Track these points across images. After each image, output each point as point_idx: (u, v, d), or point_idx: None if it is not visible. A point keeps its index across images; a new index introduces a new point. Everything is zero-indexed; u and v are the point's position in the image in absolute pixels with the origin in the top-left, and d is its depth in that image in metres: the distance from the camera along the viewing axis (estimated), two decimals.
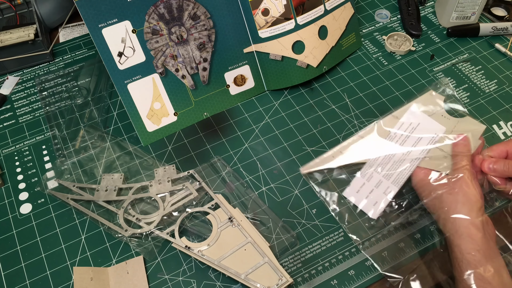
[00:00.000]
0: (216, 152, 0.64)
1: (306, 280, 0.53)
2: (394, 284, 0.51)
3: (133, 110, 0.64)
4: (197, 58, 0.65)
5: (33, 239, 0.57)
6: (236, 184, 0.60)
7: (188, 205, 0.58)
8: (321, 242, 0.56)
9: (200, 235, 0.56)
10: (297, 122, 0.67)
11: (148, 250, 0.55)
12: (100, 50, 0.60)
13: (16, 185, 0.62)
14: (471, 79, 0.70)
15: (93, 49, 0.78)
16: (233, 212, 0.56)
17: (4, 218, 0.59)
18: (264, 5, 0.65)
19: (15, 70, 0.75)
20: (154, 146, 0.65)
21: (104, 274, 0.53)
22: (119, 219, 0.57)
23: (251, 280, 0.51)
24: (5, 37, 0.72)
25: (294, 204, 0.59)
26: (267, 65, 0.69)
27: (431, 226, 0.55)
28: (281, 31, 0.66)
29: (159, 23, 0.62)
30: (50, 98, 0.71)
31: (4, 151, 0.65)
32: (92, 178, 0.61)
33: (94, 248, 0.56)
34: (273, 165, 0.62)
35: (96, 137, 0.65)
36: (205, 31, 0.64)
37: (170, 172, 0.60)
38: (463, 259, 0.46)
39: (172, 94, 0.65)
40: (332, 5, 0.69)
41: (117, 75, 0.62)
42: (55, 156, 0.64)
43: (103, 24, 0.59)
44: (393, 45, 0.75)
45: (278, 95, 0.70)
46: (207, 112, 0.68)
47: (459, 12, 0.75)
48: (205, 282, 0.53)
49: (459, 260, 0.46)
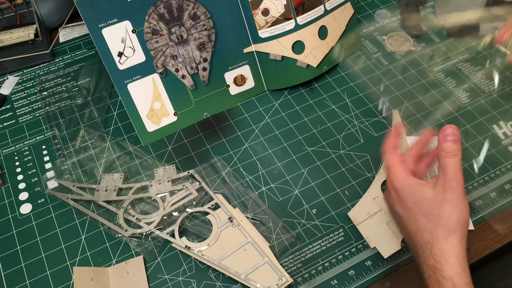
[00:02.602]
0: (216, 152, 0.64)
1: (306, 280, 0.53)
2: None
3: (133, 110, 0.64)
4: (197, 58, 0.65)
5: (33, 239, 0.57)
6: (236, 184, 0.60)
7: (188, 205, 0.58)
8: (321, 242, 0.56)
9: (200, 235, 0.56)
10: (297, 122, 0.67)
11: (148, 250, 0.55)
12: (100, 50, 0.60)
13: (16, 185, 0.62)
14: (471, 79, 0.70)
15: (93, 49, 0.78)
16: (233, 212, 0.56)
17: (4, 218, 0.59)
18: (264, 5, 0.65)
19: (15, 70, 0.75)
20: (154, 146, 0.65)
21: (104, 274, 0.53)
22: (119, 219, 0.57)
23: (251, 280, 0.51)
24: (5, 37, 0.72)
25: (294, 204, 0.59)
26: (267, 65, 0.69)
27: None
28: (281, 31, 0.66)
29: (159, 23, 0.62)
30: (50, 98, 0.71)
31: (4, 151, 0.65)
32: (92, 178, 0.61)
33: (94, 248, 0.56)
34: (273, 165, 0.62)
35: (96, 137, 0.65)
36: (205, 31, 0.64)
37: (170, 172, 0.60)
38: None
39: (172, 94, 0.65)
40: (332, 5, 0.69)
41: (117, 75, 0.62)
42: (55, 156, 0.64)
43: (103, 24, 0.59)
44: (393, 45, 0.75)
45: (278, 95, 0.70)
46: (207, 112, 0.68)
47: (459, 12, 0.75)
48: (205, 282, 0.53)
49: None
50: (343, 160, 0.62)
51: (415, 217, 0.42)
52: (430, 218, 0.41)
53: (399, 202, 0.44)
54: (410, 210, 0.42)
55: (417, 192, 0.42)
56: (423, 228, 0.41)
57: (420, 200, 0.42)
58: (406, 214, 0.43)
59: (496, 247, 0.55)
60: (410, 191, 0.42)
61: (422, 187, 0.42)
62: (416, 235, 0.41)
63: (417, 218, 0.42)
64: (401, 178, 0.43)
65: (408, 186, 0.43)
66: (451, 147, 0.41)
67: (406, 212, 0.43)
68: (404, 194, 0.43)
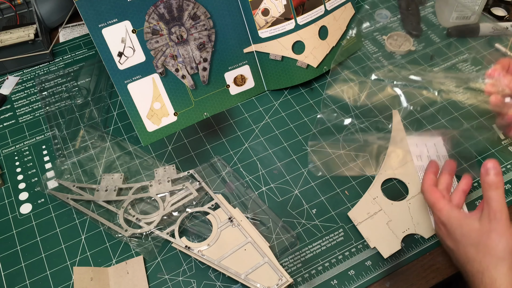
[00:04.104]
0: (216, 152, 0.64)
1: (306, 280, 0.53)
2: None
3: (133, 110, 0.64)
4: (197, 58, 0.65)
5: (33, 239, 0.57)
6: (236, 184, 0.60)
7: (188, 205, 0.58)
8: (321, 242, 0.56)
9: (200, 235, 0.56)
10: (297, 122, 0.67)
11: (148, 250, 0.55)
12: (100, 50, 0.60)
13: (16, 185, 0.62)
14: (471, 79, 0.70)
15: (93, 49, 0.78)
16: (233, 212, 0.56)
17: (4, 218, 0.59)
18: (264, 5, 0.65)
19: (15, 70, 0.75)
20: (154, 146, 0.65)
21: (104, 274, 0.53)
22: (119, 219, 0.57)
23: (251, 280, 0.51)
24: (5, 37, 0.72)
25: (294, 204, 0.59)
26: (267, 65, 0.69)
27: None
28: (281, 31, 0.66)
29: (159, 23, 0.62)
30: (50, 98, 0.71)
31: (4, 151, 0.65)
32: (92, 178, 0.61)
33: (94, 248, 0.56)
34: (273, 165, 0.62)
35: (96, 137, 0.65)
36: (205, 31, 0.64)
37: (170, 172, 0.60)
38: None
39: (172, 94, 0.65)
40: (332, 5, 0.69)
41: (117, 75, 0.62)
42: (55, 156, 0.64)
43: (103, 24, 0.59)
44: (393, 45, 0.75)
45: (278, 95, 0.70)
46: (207, 112, 0.68)
47: (459, 12, 0.75)
48: (205, 282, 0.53)
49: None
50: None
51: (464, 249, 0.44)
52: (478, 249, 0.42)
53: (449, 236, 0.46)
54: (459, 243, 0.44)
55: (464, 225, 0.44)
56: (473, 259, 0.43)
57: (468, 232, 0.44)
58: (456, 247, 0.45)
59: None
60: (458, 225, 0.44)
61: (468, 220, 0.44)
62: (467, 266, 0.43)
63: (466, 250, 0.43)
64: (446, 214, 0.45)
65: (454, 220, 0.45)
66: (493, 180, 0.43)
67: (455, 244, 0.45)
68: (452, 228, 0.45)
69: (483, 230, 0.43)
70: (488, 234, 0.43)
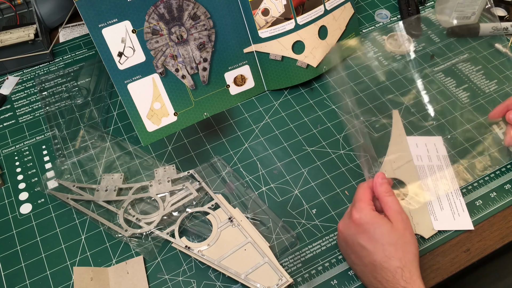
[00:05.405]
0: (216, 152, 0.64)
1: (306, 280, 0.53)
2: None
3: (133, 110, 0.64)
4: (197, 58, 0.65)
5: (33, 239, 0.57)
6: (236, 184, 0.60)
7: (188, 205, 0.58)
8: (321, 242, 0.56)
9: (200, 235, 0.56)
10: (297, 122, 0.67)
11: (148, 250, 0.55)
12: (100, 50, 0.60)
13: (16, 185, 0.62)
14: (471, 79, 0.70)
15: (93, 49, 0.78)
16: (233, 212, 0.56)
17: (4, 218, 0.59)
18: (264, 5, 0.65)
19: (15, 70, 0.75)
20: (154, 146, 0.65)
21: (104, 274, 0.53)
22: (119, 219, 0.57)
23: (251, 280, 0.51)
24: (5, 37, 0.72)
25: (294, 204, 0.59)
26: (267, 65, 0.69)
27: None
28: (281, 31, 0.66)
29: (159, 23, 0.62)
30: (50, 98, 0.71)
31: (4, 151, 0.65)
32: (92, 178, 0.61)
33: (94, 248, 0.56)
34: (273, 165, 0.62)
35: (96, 137, 0.65)
36: (205, 31, 0.64)
37: (170, 172, 0.60)
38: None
39: (172, 94, 0.65)
40: (332, 5, 0.69)
41: (117, 75, 0.62)
42: (55, 156, 0.64)
43: (103, 24, 0.59)
44: (393, 45, 0.75)
45: (278, 95, 0.70)
46: (207, 112, 0.68)
47: (459, 12, 0.75)
48: (205, 282, 0.53)
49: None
50: (343, 160, 0.62)
51: (382, 247, 0.46)
52: (397, 247, 0.46)
53: (364, 234, 0.48)
54: (377, 241, 0.47)
55: (383, 225, 0.47)
56: (392, 256, 0.46)
57: (388, 231, 0.47)
58: (372, 245, 0.47)
59: (496, 247, 0.54)
60: (378, 224, 0.47)
61: (384, 220, 0.48)
62: (384, 264, 0.46)
63: (384, 248, 0.46)
64: (368, 213, 0.48)
65: (375, 219, 0.48)
66: (387, 188, 0.50)
67: (372, 243, 0.47)
68: (372, 227, 0.47)
69: (400, 230, 0.47)
70: (404, 233, 0.47)
